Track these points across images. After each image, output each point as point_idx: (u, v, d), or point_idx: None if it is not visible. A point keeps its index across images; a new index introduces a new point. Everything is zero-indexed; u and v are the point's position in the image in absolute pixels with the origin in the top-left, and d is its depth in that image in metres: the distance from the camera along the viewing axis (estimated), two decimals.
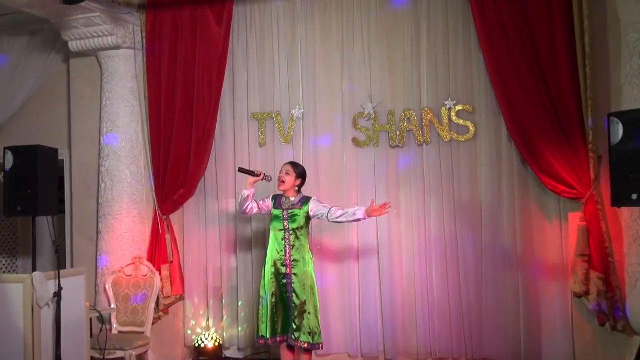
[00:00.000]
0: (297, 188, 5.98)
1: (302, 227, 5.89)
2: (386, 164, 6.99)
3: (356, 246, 7.05)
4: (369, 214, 5.66)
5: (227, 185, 7.37)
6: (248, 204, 6.06)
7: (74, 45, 7.16)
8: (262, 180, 6.06)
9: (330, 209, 5.82)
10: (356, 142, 7.11)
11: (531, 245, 6.61)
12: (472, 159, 6.82)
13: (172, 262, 7.08)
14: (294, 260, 5.82)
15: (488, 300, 6.69)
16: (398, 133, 6.97)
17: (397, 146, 7.00)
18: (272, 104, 7.23)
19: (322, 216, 5.86)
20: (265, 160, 7.20)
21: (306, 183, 6.21)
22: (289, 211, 5.91)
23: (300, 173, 6.03)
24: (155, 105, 7.14)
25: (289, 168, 6.00)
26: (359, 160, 7.05)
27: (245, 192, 6.06)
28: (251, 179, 6.03)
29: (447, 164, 6.88)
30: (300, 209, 5.87)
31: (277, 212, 5.95)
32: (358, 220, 5.75)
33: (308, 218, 5.93)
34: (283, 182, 5.91)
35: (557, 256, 6.52)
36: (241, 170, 6.09)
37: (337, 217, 5.77)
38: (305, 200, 5.94)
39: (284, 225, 5.90)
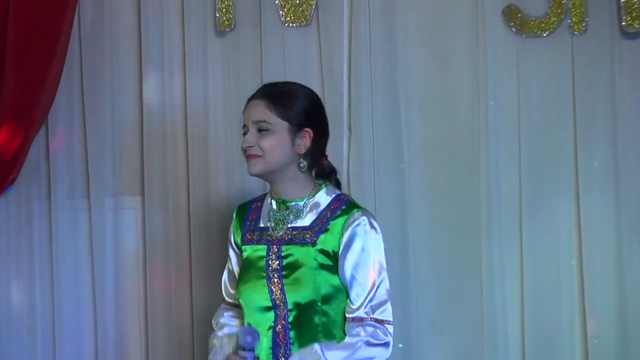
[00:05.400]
0: (302, 163, 2.28)
1: (324, 300, 2.33)
2: (592, 89, 3.19)
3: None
4: None
5: (126, 148, 3.41)
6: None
7: None
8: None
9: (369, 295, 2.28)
10: (520, 21, 3.25)
11: None
12: None
13: None
14: None
15: None
16: None
17: (627, 32, 3.17)
18: None
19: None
20: (236, 74, 3.17)
21: (367, 145, 3.03)
22: (285, 247, 2.35)
23: (308, 112, 2.29)
24: None
25: (263, 108, 2.25)
26: (525, 75, 3.19)
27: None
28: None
29: None
30: (315, 237, 2.28)
31: (252, 250, 2.42)
32: None
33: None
34: (257, 156, 2.27)
35: None
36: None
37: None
38: (340, 207, 2.32)
39: (270, 289, 2.36)
